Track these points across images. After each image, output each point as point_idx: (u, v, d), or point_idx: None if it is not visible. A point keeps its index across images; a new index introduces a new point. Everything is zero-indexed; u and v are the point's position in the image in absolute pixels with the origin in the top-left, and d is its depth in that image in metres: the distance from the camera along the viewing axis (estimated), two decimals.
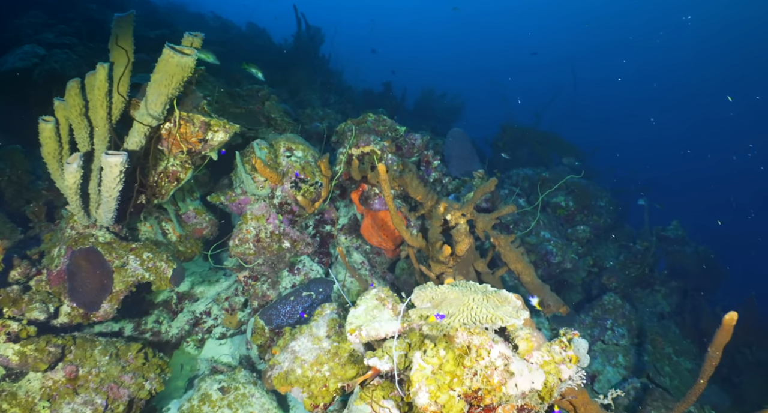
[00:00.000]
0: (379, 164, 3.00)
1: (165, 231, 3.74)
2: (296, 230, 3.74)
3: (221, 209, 4.04)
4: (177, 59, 2.56)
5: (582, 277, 5.77)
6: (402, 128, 4.40)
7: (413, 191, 3.72)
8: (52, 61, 5.57)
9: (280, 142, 3.62)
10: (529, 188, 6.05)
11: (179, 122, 2.82)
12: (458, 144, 5.22)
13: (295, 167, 3.51)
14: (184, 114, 2.84)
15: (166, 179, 3.04)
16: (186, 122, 2.85)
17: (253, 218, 3.53)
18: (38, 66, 5.60)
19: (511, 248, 3.54)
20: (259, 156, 3.34)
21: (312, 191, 3.58)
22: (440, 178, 4.52)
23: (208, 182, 4.09)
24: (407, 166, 3.86)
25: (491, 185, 3.52)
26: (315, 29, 9.22)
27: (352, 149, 3.91)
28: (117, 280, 2.94)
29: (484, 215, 3.59)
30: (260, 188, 3.41)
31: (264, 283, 3.82)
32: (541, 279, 3.78)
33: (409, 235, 3.34)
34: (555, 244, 5.01)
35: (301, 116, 5.94)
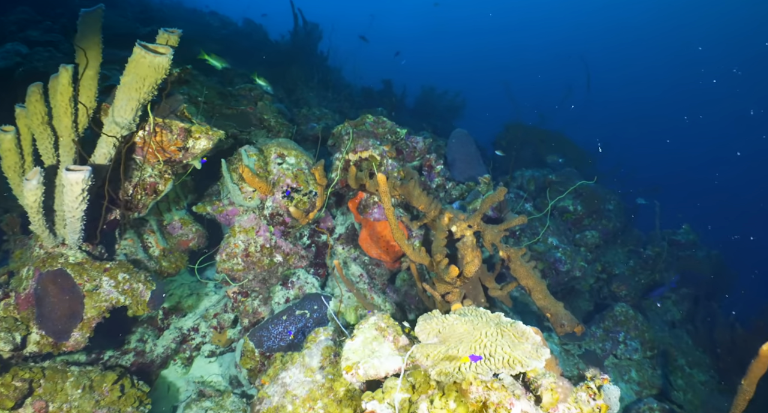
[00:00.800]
0: (378, 174, 2.67)
1: (147, 245, 3.41)
2: (289, 243, 3.42)
3: (210, 218, 3.71)
4: (149, 59, 2.22)
5: (590, 284, 5.46)
6: (403, 131, 4.06)
7: (415, 200, 3.39)
8: (35, 60, 5.22)
9: (270, 147, 3.28)
10: (535, 191, 5.71)
11: (155, 130, 2.48)
12: (462, 146, 4.88)
13: (287, 175, 3.18)
14: (160, 120, 2.50)
15: (143, 191, 2.71)
16: (162, 129, 2.52)
17: (242, 230, 3.20)
18: (21, 65, 5.24)
19: (521, 263, 3.22)
20: (247, 164, 3.01)
21: (305, 201, 3.25)
22: (443, 183, 4.19)
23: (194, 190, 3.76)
24: (409, 173, 3.53)
25: (500, 194, 3.19)
26: (312, 25, 8.85)
27: (350, 154, 3.58)
28: (89, 305, 2.62)
29: (493, 227, 3.27)
30: (248, 199, 3.08)
31: (255, 299, 3.50)
32: (549, 289, 3.46)
33: (412, 250, 3.02)
34: (564, 251, 4.68)
35: (296, 115, 5.59)
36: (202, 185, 3.93)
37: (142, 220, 3.38)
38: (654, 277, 5.47)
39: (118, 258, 3.15)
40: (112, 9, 7.09)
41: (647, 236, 6.08)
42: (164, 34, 2.41)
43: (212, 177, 3.82)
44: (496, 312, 2.24)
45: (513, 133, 7.23)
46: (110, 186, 2.53)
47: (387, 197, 2.77)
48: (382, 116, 4.15)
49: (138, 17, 7.46)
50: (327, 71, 8.62)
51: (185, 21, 8.89)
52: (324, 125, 5.30)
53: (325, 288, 3.85)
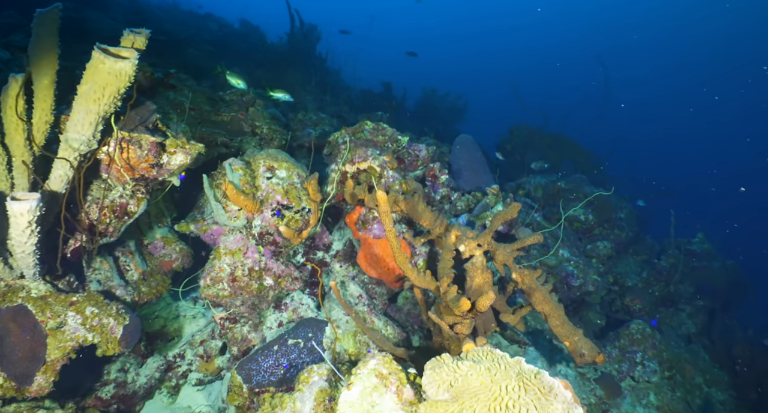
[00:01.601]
0: (378, 192, 2.33)
1: (125, 268, 3.07)
2: (280, 264, 3.08)
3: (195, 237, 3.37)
4: (109, 65, 1.88)
5: (601, 295, 5.11)
6: (404, 138, 3.71)
7: (418, 216, 3.05)
8: (15, 67, 4.87)
9: (259, 160, 2.94)
10: (543, 199, 5.36)
11: (120, 145, 2.14)
12: (467, 153, 4.54)
13: (276, 191, 2.83)
14: (127, 135, 2.16)
15: (112, 214, 2.37)
16: (129, 145, 2.17)
17: (228, 252, 2.86)
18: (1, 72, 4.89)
19: (537, 287, 2.87)
20: (232, 180, 2.66)
21: (298, 220, 2.91)
22: (448, 194, 3.84)
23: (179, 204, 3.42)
24: (411, 186, 3.19)
25: (512, 211, 2.85)
26: (310, 27, 8.50)
27: (347, 165, 3.23)
28: (52, 346, 2.28)
29: (505, 246, 2.92)
30: (233, 219, 2.74)
31: (244, 325, 3.17)
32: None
33: (416, 275, 2.68)
34: (576, 265, 4.34)
35: (292, 121, 5.25)
36: (188, 199, 3.59)
37: (119, 240, 3.04)
38: (668, 289, 5.12)
39: (90, 287, 2.81)
40: (101, 11, 6.74)
41: (660, 244, 5.73)
42: (129, 36, 2.07)
43: (198, 191, 3.48)
44: (515, 358, 1.90)
45: (518, 136, 6.88)
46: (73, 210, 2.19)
47: (388, 218, 2.43)
48: (381, 122, 3.81)
49: (129, 20, 7.11)
50: (325, 74, 8.28)
51: (179, 23, 8.54)
52: (320, 131, 4.96)
53: (320, 309, 3.51)
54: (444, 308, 2.64)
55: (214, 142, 3.97)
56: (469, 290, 2.97)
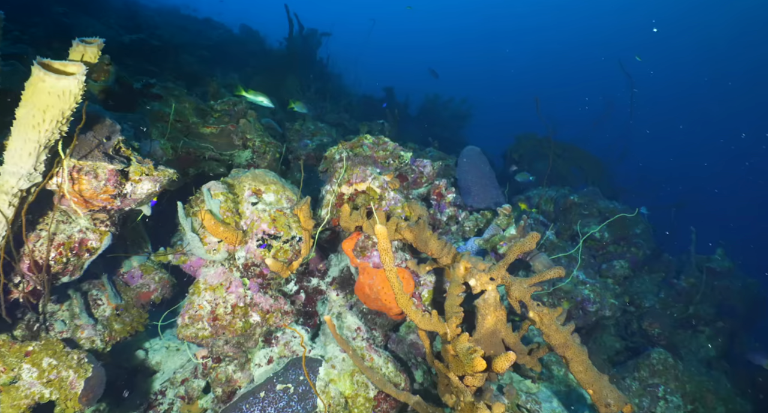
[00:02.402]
0: (376, 226, 1.96)
1: (96, 302, 2.71)
2: (269, 297, 2.71)
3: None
4: (50, 84, 1.52)
5: (616, 316, 4.72)
6: (407, 154, 3.34)
7: (423, 245, 2.68)
8: None
9: (243, 182, 2.57)
10: (554, 214, 4.98)
11: (71, 176, 1.77)
12: (474, 167, 4.16)
13: (262, 218, 2.46)
14: (78, 163, 1.79)
15: (69, 252, 2.00)
16: (82, 175, 1.81)
17: (208, 288, 2.49)
18: None
19: (557, 328, 2.49)
20: (210, 207, 2.30)
21: (287, 250, 2.54)
22: (455, 214, 3.47)
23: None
24: (416, 210, 2.81)
25: (531, 242, 2.47)
26: (311, 31, 8.15)
27: (343, 186, 2.86)
28: (6, 404, 1.92)
29: (521, 281, 2.54)
30: (212, 252, 2.37)
31: (229, 364, 2.80)
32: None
33: (420, 316, 2.31)
34: (592, 288, 3.96)
35: (288, 131, 4.89)
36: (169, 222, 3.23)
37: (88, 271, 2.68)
38: (688, 311, 4.73)
39: (55, 327, 2.46)
40: (93, 16, 6.40)
41: (678, 260, 5.33)
42: (79, 47, 1.71)
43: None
44: None
45: (525, 145, 6.50)
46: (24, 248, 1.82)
47: (388, 256, 2.06)
48: (383, 131, 3.44)
49: (123, 25, 6.77)
50: (326, 79, 7.92)
51: (176, 28, 8.20)
52: (318, 142, 4.59)
53: (317, 339, 3.14)
54: (453, 358, 2.27)
55: (201, 157, 3.61)
56: (480, 330, 2.60)
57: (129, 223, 2.49)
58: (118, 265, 2.93)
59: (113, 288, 2.77)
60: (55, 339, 2.16)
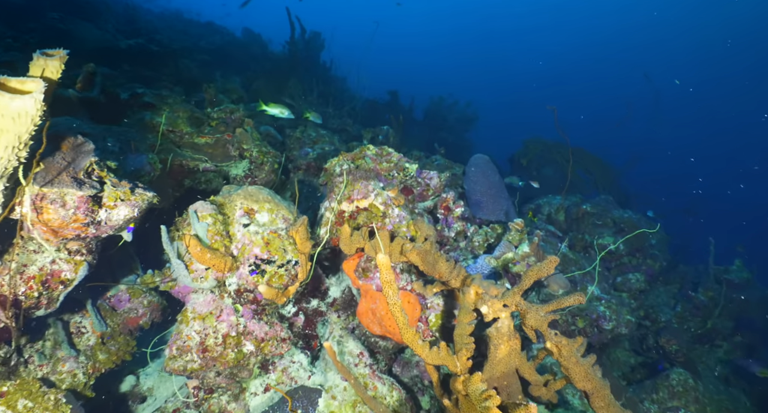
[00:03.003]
0: (378, 256, 1.73)
1: (80, 330, 2.50)
2: (264, 324, 2.48)
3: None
4: (2, 105, 1.29)
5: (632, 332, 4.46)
6: (413, 166, 3.10)
7: (431, 267, 2.44)
8: None
9: (235, 201, 2.34)
10: (566, 224, 4.73)
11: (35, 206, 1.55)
12: (483, 177, 3.92)
13: (254, 242, 2.23)
14: (44, 191, 1.57)
15: (41, 286, 1.78)
16: (48, 204, 1.58)
17: (197, 317, 2.27)
18: None
19: (577, 360, 2.25)
20: (197, 231, 2.07)
21: (282, 275, 2.31)
22: (464, 229, 3.22)
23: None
24: (422, 229, 2.57)
25: (549, 267, 2.23)
26: (314, 34, 7.91)
27: (344, 202, 2.63)
28: None
29: (537, 309, 2.30)
30: (200, 280, 2.15)
31: (223, 394, 2.58)
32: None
33: (427, 351, 2.07)
34: (608, 304, 3.70)
35: (288, 138, 4.66)
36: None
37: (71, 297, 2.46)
38: (706, 326, 4.46)
39: (34, 360, 2.24)
40: (91, 21, 6.20)
41: (694, 270, 5.06)
42: (39, 60, 1.48)
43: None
44: None
45: (533, 150, 6.24)
46: None
47: (392, 289, 1.83)
48: (386, 145, 3.20)
49: (122, 29, 6.57)
50: (328, 83, 7.68)
51: (177, 32, 8.00)
52: (319, 150, 4.36)
53: (317, 363, 2.92)
54: (464, 398, 2.03)
55: (195, 169, 3.38)
56: (492, 361, 2.36)
57: (113, 246, 2.27)
58: (105, 287, 2.71)
59: (98, 315, 2.55)
60: (31, 378, 1.94)
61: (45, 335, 2.35)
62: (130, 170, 2.62)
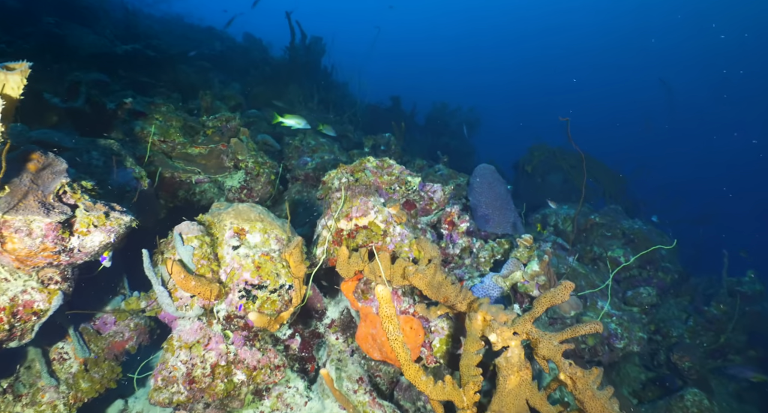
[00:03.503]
0: (378, 289, 1.55)
1: (63, 356, 2.32)
2: (256, 351, 2.30)
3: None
4: None
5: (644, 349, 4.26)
6: (415, 179, 2.92)
7: (435, 291, 2.26)
8: None
9: (224, 220, 2.16)
10: (574, 235, 4.53)
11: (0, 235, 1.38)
12: (488, 187, 3.73)
13: (245, 266, 2.05)
14: (6, 218, 1.39)
15: (12, 318, 1.61)
16: (13, 233, 1.41)
17: (183, 346, 2.09)
18: None
19: (593, 393, 2.06)
20: (181, 256, 1.89)
21: (275, 301, 2.13)
22: (469, 245, 3.04)
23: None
24: (426, 249, 2.39)
25: (563, 293, 2.05)
26: (315, 39, 7.74)
27: (341, 220, 2.44)
28: None
29: (551, 337, 2.11)
30: (184, 308, 1.97)
31: None
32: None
33: (431, 387, 1.89)
34: (619, 321, 3.51)
35: (287, 147, 4.48)
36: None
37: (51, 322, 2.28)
38: (719, 341, 4.26)
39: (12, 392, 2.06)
40: (88, 26, 6.05)
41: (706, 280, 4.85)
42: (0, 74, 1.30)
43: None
44: None
45: (538, 156, 6.05)
46: None
47: (392, 324, 1.65)
48: (387, 158, 3.02)
49: (120, 34, 6.41)
50: (329, 89, 7.51)
51: (177, 37, 7.84)
52: (319, 159, 4.18)
53: (314, 387, 2.73)
54: None
55: (187, 181, 3.21)
56: (501, 392, 2.17)
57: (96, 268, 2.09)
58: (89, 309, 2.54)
59: (80, 340, 2.38)
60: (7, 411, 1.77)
61: (23, 364, 2.17)
62: (115, 185, 2.45)
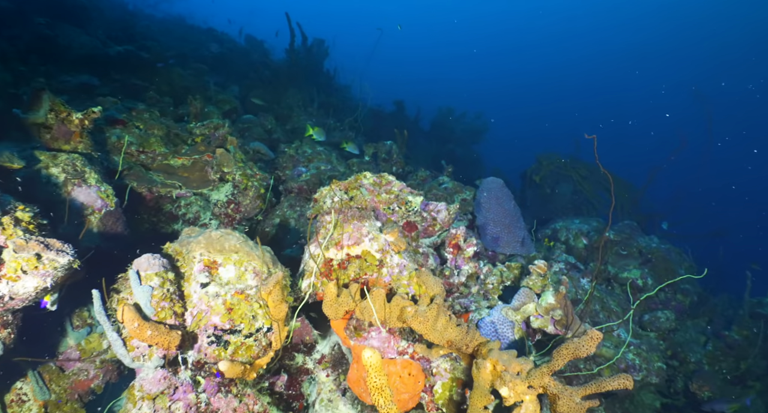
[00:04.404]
0: (364, 355, 1.25)
1: (22, 398, 2.01)
2: (232, 398, 1.97)
3: None
4: None
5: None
6: (417, 199, 2.58)
7: (438, 335, 1.92)
8: None
9: (193, 251, 1.84)
10: (585, 253, 4.18)
11: None
12: (497, 204, 3.39)
13: (214, 308, 1.73)
14: None
15: None
16: None
17: (145, 396, 1.76)
18: None
19: None
20: (138, 298, 1.57)
21: (250, 346, 1.80)
22: (476, 272, 2.70)
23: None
24: (428, 284, 2.05)
25: (591, 344, 1.71)
26: (317, 41, 7.42)
27: (331, 248, 2.11)
28: None
29: (572, 393, 1.77)
30: (141, 359, 1.64)
31: None
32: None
33: None
34: (637, 351, 3.17)
35: (281, 156, 4.15)
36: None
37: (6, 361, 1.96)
38: (739, 368, 3.91)
39: None
40: (80, 26, 5.74)
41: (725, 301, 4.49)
42: None
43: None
44: None
45: (547, 166, 5.69)
46: None
47: (384, 397, 1.32)
48: (386, 174, 2.69)
49: (114, 35, 6.10)
50: (330, 92, 7.19)
51: (176, 38, 7.53)
52: (314, 170, 3.85)
53: None
54: None
55: (167, 196, 2.89)
56: None
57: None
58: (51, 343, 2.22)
59: (39, 381, 2.06)
60: None
61: None
62: (75, 206, 2.13)
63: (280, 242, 3.26)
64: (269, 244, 3.48)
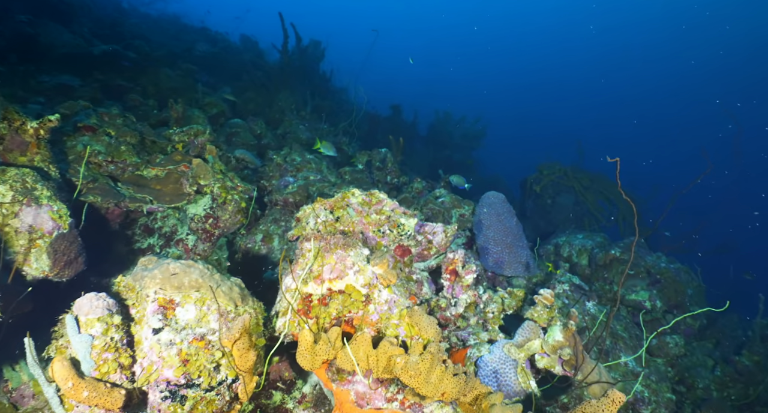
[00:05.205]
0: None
1: None
2: None
3: None
4: None
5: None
6: (410, 222, 2.30)
7: (432, 388, 1.64)
8: None
9: (147, 287, 1.55)
10: (590, 269, 3.91)
11: None
12: (498, 220, 3.11)
13: (167, 359, 1.44)
14: None
15: None
16: None
17: None
18: None
19: None
20: (76, 350, 1.28)
21: (213, 401, 1.51)
22: (475, 301, 2.41)
23: None
24: (422, 326, 1.77)
25: (612, 408, 1.44)
26: (313, 43, 7.12)
27: (310, 282, 1.82)
28: None
29: None
30: None
31: None
32: None
33: None
34: (646, 382, 2.90)
35: (268, 165, 3.85)
36: None
37: None
38: (750, 395, 3.64)
39: None
40: (64, 23, 5.43)
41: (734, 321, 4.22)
42: None
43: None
44: None
45: (548, 175, 5.42)
46: None
47: None
48: (376, 191, 2.40)
49: (100, 33, 5.78)
50: (325, 95, 6.89)
51: (169, 37, 7.23)
52: (303, 180, 3.56)
53: None
54: None
55: (136, 211, 2.59)
56: None
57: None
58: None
59: None
60: None
61: None
62: (22, 230, 1.83)
63: (262, 260, 2.97)
64: (250, 262, 3.19)
